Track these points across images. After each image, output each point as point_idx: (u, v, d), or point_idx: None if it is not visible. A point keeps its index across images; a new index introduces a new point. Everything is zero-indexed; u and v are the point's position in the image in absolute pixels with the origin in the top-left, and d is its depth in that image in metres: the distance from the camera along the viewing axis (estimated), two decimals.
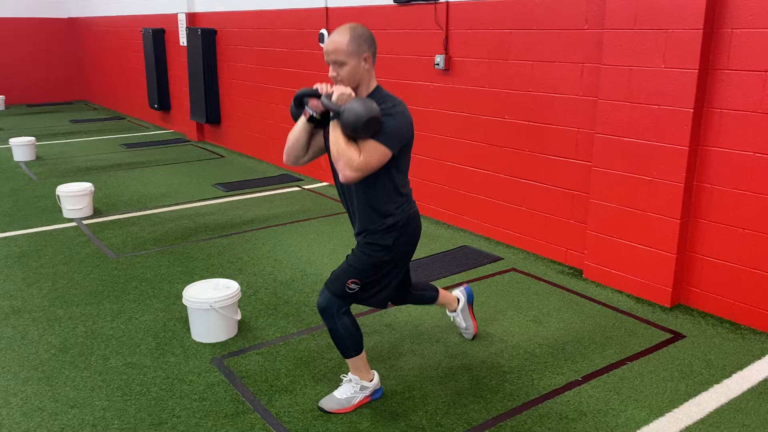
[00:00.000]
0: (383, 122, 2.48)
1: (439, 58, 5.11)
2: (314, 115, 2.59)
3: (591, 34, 4.09)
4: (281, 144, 7.62)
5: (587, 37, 4.12)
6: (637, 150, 3.84)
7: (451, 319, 3.47)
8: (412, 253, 2.83)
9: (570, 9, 4.20)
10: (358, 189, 2.64)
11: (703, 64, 3.51)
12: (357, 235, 2.77)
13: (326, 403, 2.84)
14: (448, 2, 5.03)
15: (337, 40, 2.51)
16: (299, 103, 2.63)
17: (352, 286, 2.70)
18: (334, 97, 2.49)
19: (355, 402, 2.83)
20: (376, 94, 2.61)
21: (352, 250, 2.77)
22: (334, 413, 2.81)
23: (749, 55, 3.38)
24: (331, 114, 2.52)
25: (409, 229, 2.73)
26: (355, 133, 2.44)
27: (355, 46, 2.50)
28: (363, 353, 2.83)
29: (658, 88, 3.68)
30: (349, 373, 2.87)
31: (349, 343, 2.77)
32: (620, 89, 3.86)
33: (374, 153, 2.48)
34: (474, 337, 3.45)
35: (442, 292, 3.30)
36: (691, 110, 3.56)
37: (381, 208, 2.65)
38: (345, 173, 2.47)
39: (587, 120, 4.20)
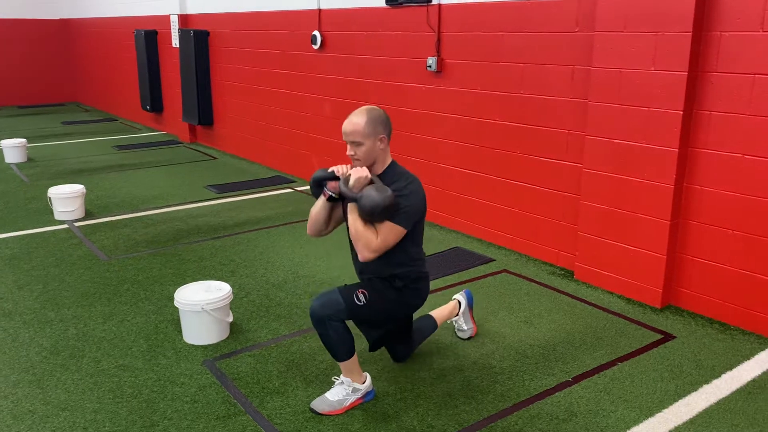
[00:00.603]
0: (398, 203, 2.67)
1: (431, 60, 5.13)
2: (333, 195, 2.81)
3: (581, 36, 4.12)
4: (273, 145, 7.62)
5: (578, 40, 4.14)
6: (628, 152, 3.86)
7: (454, 323, 3.52)
8: (414, 310, 3.00)
9: (561, 12, 4.22)
10: (374, 264, 2.81)
11: (692, 66, 3.54)
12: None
13: (318, 404, 2.84)
14: (440, 4, 5.05)
15: (354, 122, 2.70)
16: (318, 185, 2.85)
17: (361, 296, 2.79)
18: (351, 182, 2.68)
19: (347, 404, 2.84)
20: (390, 172, 2.79)
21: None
22: (326, 415, 2.81)
23: (738, 58, 3.41)
24: (349, 200, 2.71)
25: (419, 285, 2.91)
26: (371, 219, 2.66)
27: (371, 128, 2.69)
28: (355, 356, 2.85)
29: (648, 90, 3.70)
30: (342, 375, 2.87)
31: (342, 348, 2.79)
32: (610, 91, 3.88)
33: (390, 233, 2.69)
34: (469, 338, 3.48)
35: (436, 312, 3.40)
36: (681, 112, 3.58)
37: (390, 273, 2.84)
38: (364, 254, 2.69)
39: (578, 122, 4.22)
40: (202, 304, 3.36)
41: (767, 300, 3.49)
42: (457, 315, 3.46)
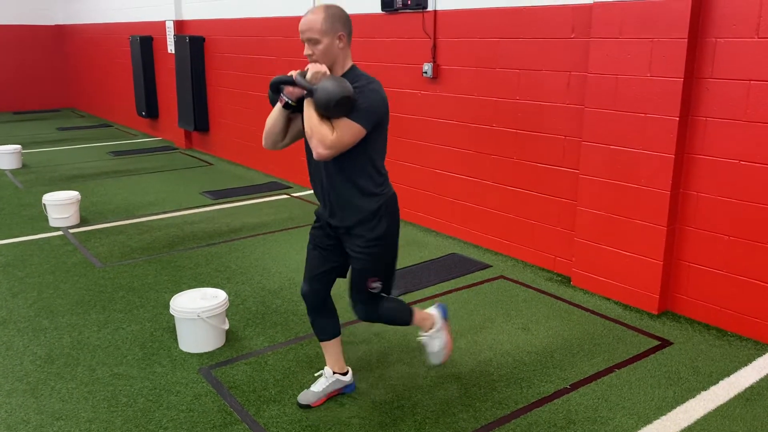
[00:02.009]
0: (357, 100, 2.50)
1: (427, 66, 5.13)
2: (290, 101, 2.62)
3: (577, 42, 4.12)
4: (269, 151, 7.61)
5: (574, 46, 4.15)
6: (624, 158, 3.87)
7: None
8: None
9: (556, 18, 4.23)
10: (337, 168, 2.63)
11: (688, 72, 3.54)
12: (344, 229, 2.73)
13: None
14: (435, 11, 5.05)
15: (311, 18, 2.53)
16: (276, 89, 2.65)
17: (374, 285, 2.75)
18: (308, 76, 2.50)
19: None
20: (351, 73, 2.62)
21: (351, 257, 2.76)
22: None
23: (733, 64, 3.42)
24: (305, 93, 2.53)
25: (395, 211, 2.77)
26: (327, 111, 2.46)
27: (329, 25, 2.52)
28: (415, 316, 2.94)
29: (644, 96, 3.70)
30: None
31: (404, 315, 2.90)
32: (606, 97, 3.89)
33: (347, 130, 2.50)
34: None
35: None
36: (677, 118, 3.59)
37: (362, 187, 2.65)
38: (318, 150, 2.49)
39: (574, 128, 4.22)
40: (197, 311, 3.34)
41: (764, 306, 3.49)
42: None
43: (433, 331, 3.01)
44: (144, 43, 9.79)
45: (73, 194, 5.70)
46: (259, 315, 3.89)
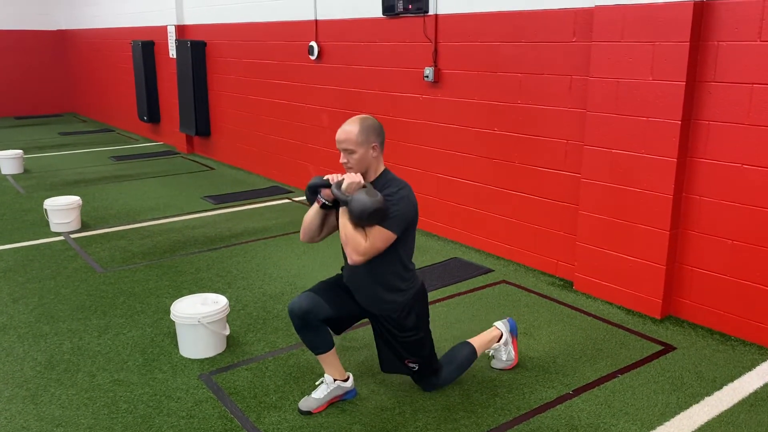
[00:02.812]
0: (388, 210, 2.68)
1: (429, 71, 5.12)
2: (327, 203, 2.82)
3: (579, 46, 4.11)
4: (271, 156, 7.61)
5: (575, 50, 4.14)
6: (626, 162, 3.85)
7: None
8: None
9: (558, 22, 4.22)
10: (366, 266, 2.80)
11: (690, 76, 3.53)
12: (374, 317, 2.95)
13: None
14: (437, 15, 5.05)
15: (347, 130, 2.73)
16: (313, 191, 2.87)
17: (411, 365, 2.96)
18: (343, 186, 2.70)
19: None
20: (383, 179, 2.81)
21: (386, 332, 2.94)
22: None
23: (735, 68, 3.40)
24: (341, 202, 2.73)
25: (424, 301, 2.97)
26: (360, 222, 2.66)
27: (363, 137, 2.72)
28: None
29: (646, 100, 3.69)
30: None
31: (465, 365, 3.11)
32: (608, 101, 3.87)
33: (379, 237, 2.69)
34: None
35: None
36: (679, 122, 3.57)
37: (390, 283, 2.85)
38: (353, 258, 2.69)
39: (576, 132, 4.21)
40: (198, 317, 3.32)
41: (767, 310, 3.47)
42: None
43: (500, 344, 3.25)
44: (146, 47, 9.80)
45: (74, 199, 5.69)
46: (260, 320, 3.87)
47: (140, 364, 3.36)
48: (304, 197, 2.91)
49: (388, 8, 5.41)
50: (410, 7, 5.21)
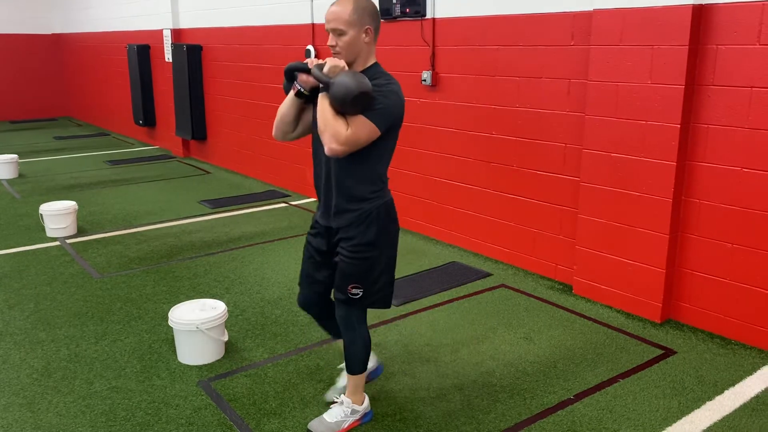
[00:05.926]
0: (374, 99, 2.39)
1: (426, 74, 5.11)
2: (303, 90, 2.51)
3: (577, 50, 4.11)
4: (268, 160, 7.58)
5: (574, 54, 4.13)
6: (625, 165, 3.84)
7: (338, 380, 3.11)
8: (397, 239, 2.72)
9: (556, 25, 4.21)
10: (339, 169, 2.53)
11: (689, 79, 3.52)
12: (337, 231, 2.63)
13: (316, 426, 2.78)
14: (434, 19, 5.04)
15: (338, 8, 2.43)
16: (290, 77, 2.55)
17: (354, 291, 2.62)
18: (325, 69, 2.39)
19: (345, 426, 2.78)
20: (372, 70, 2.54)
21: (340, 255, 2.65)
22: None
23: (735, 71, 3.40)
24: (321, 86, 2.42)
25: (388, 219, 2.62)
26: (343, 107, 2.35)
27: (356, 17, 2.43)
28: (364, 374, 2.81)
29: (644, 103, 3.69)
30: (342, 396, 2.82)
31: (362, 357, 2.74)
32: (607, 105, 3.87)
33: (363, 128, 2.38)
34: (331, 402, 2.99)
35: None
36: (678, 126, 3.57)
37: (360, 190, 2.55)
38: (331, 146, 2.37)
39: (575, 135, 4.20)
40: (196, 323, 3.30)
41: None
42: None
43: (350, 407, 2.77)
44: (141, 51, 9.77)
45: (70, 204, 5.66)
46: (259, 326, 3.85)
47: (138, 371, 3.33)
48: (282, 86, 2.70)
49: (385, 11, 5.40)
50: (408, 10, 5.20)
